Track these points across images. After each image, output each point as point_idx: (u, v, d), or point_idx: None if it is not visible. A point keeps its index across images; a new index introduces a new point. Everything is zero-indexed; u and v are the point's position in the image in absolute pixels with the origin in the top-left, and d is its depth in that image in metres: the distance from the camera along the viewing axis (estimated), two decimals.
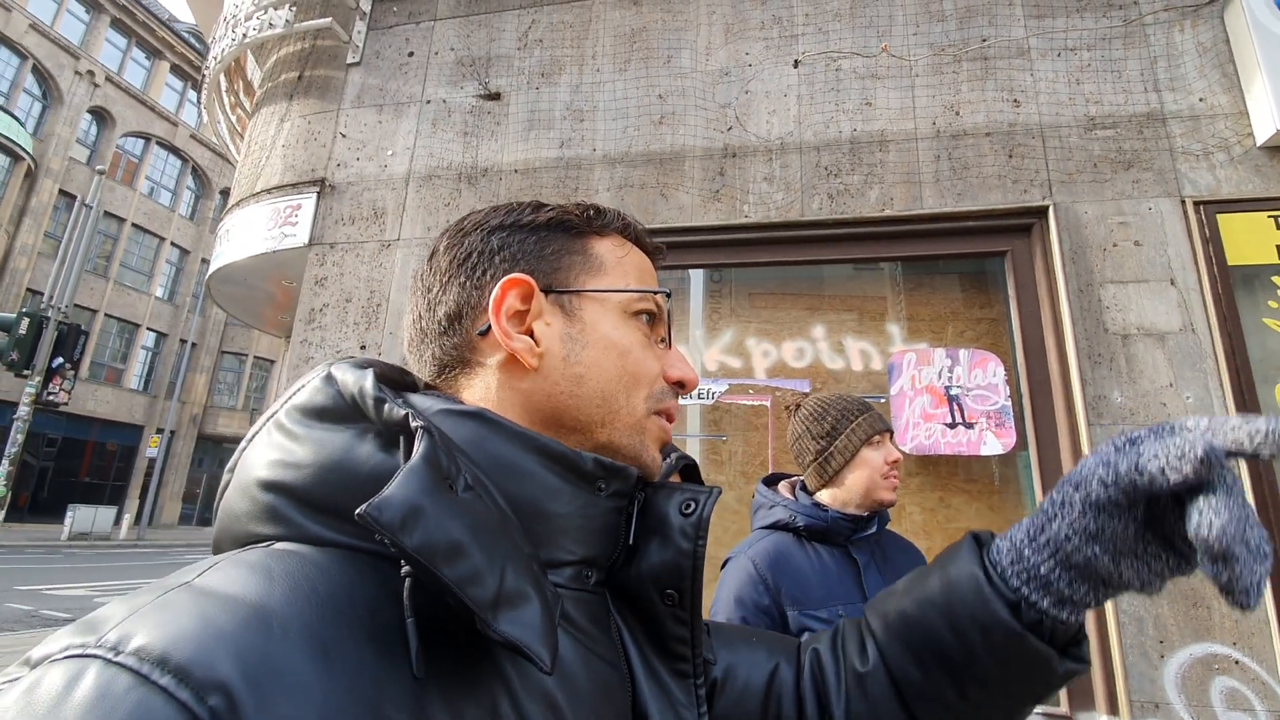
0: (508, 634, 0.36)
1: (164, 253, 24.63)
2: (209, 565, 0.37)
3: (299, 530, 0.40)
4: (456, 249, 0.55)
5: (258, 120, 3.88)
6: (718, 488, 0.55)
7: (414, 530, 0.35)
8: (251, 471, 0.43)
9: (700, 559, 0.51)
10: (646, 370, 0.53)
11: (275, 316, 4.86)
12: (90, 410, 21.63)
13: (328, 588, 0.36)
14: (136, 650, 0.29)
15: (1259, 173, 2.39)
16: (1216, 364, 2.25)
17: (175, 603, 0.32)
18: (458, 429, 0.46)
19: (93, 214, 9.16)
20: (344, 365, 0.47)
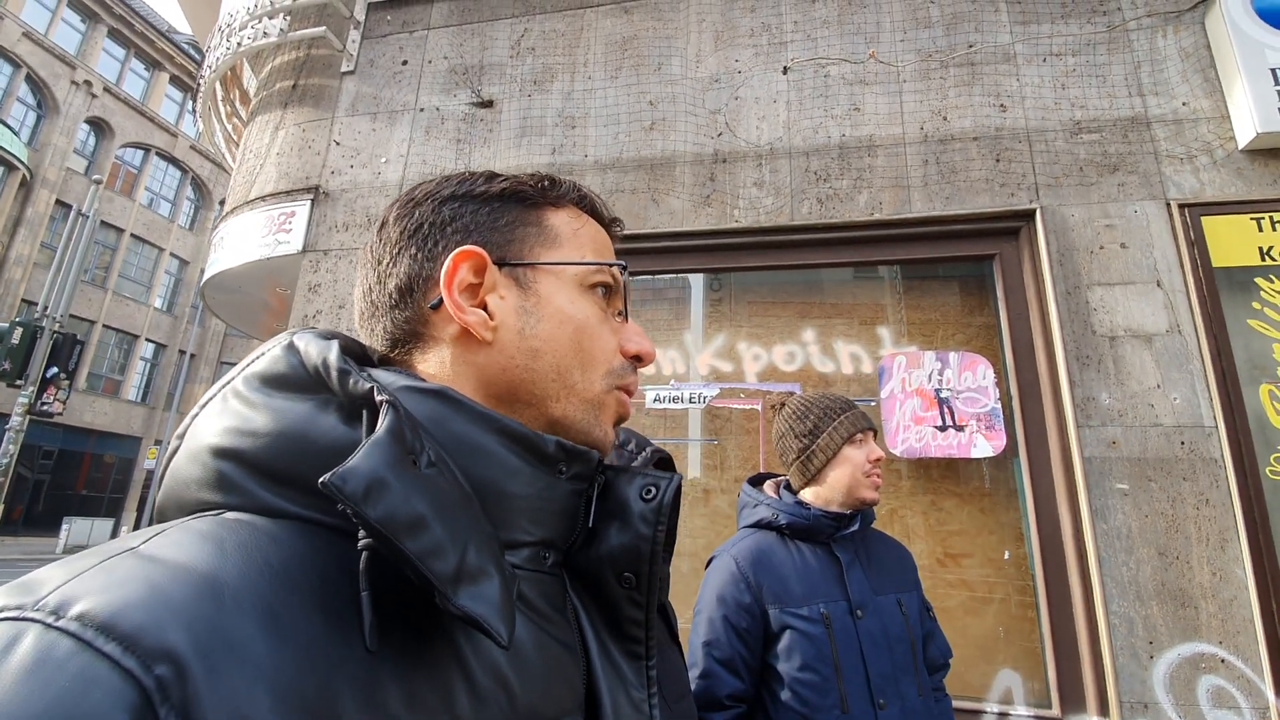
0: (468, 608, 0.36)
1: (163, 263, 24.66)
2: (156, 532, 0.36)
3: (252, 499, 0.40)
4: (407, 219, 0.54)
5: (252, 128, 3.90)
6: (679, 475, 0.55)
7: (377, 502, 0.35)
8: (204, 438, 0.42)
9: (659, 544, 0.51)
10: (603, 344, 0.53)
11: (270, 324, 4.87)
12: (88, 422, 21.58)
13: (281, 559, 0.36)
14: (80, 615, 0.28)
15: (1241, 175, 2.41)
16: (1203, 365, 2.26)
17: (120, 568, 0.32)
18: (420, 406, 0.45)
19: (89, 224, 9.18)
20: (307, 335, 0.46)
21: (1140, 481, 2.21)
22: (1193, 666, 2.01)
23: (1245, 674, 1.97)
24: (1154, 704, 2.00)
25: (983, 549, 2.51)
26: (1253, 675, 1.96)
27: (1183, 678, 2.01)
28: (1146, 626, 2.08)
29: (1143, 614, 2.09)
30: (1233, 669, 1.98)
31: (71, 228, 9.63)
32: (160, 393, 24.32)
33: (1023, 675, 2.32)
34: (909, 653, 1.37)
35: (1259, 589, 1.99)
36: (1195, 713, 1.97)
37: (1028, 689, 2.30)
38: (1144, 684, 2.02)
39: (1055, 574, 2.28)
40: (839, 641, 1.31)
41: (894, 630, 1.37)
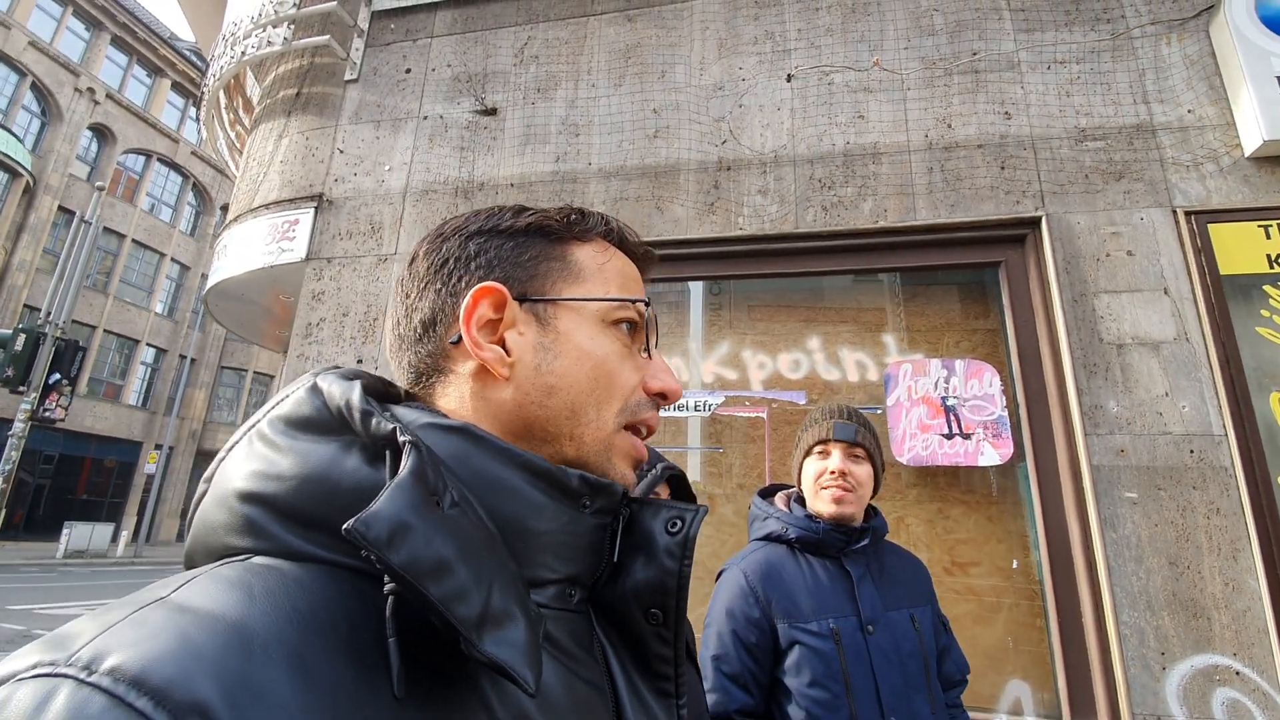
0: (492, 654, 0.35)
1: (164, 269, 24.70)
2: (185, 580, 0.36)
3: (278, 544, 0.39)
4: (434, 254, 0.54)
5: (256, 136, 3.91)
6: (704, 506, 0.54)
7: (400, 547, 0.34)
8: (230, 482, 0.42)
9: (685, 578, 0.50)
10: (622, 382, 0.52)
11: (273, 331, 4.86)
12: (88, 427, 21.57)
13: (308, 605, 0.35)
14: (111, 670, 0.28)
15: (1247, 183, 2.41)
16: (1211, 373, 2.25)
17: (150, 620, 0.32)
18: (442, 444, 0.45)
19: (92, 230, 9.19)
20: (330, 376, 0.46)
21: (1149, 490, 2.20)
22: (1206, 678, 1.99)
23: (1261, 687, 1.95)
24: (1167, 716, 1.98)
25: (990, 557, 2.49)
26: (1269, 688, 1.94)
27: (1197, 690, 1.99)
28: (1158, 637, 2.06)
29: (1154, 624, 2.07)
30: (1248, 681, 1.96)
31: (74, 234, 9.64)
32: (161, 397, 24.32)
33: (1032, 685, 2.31)
34: (921, 669, 1.35)
35: (1273, 600, 1.98)
36: None
37: (1037, 699, 2.28)
38: (1156, 695, 2.00)
39: (1064, 583, 2.26)
40: (849, 657, 1.29)
41: (906, 646, 1.35)
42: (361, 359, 3.01)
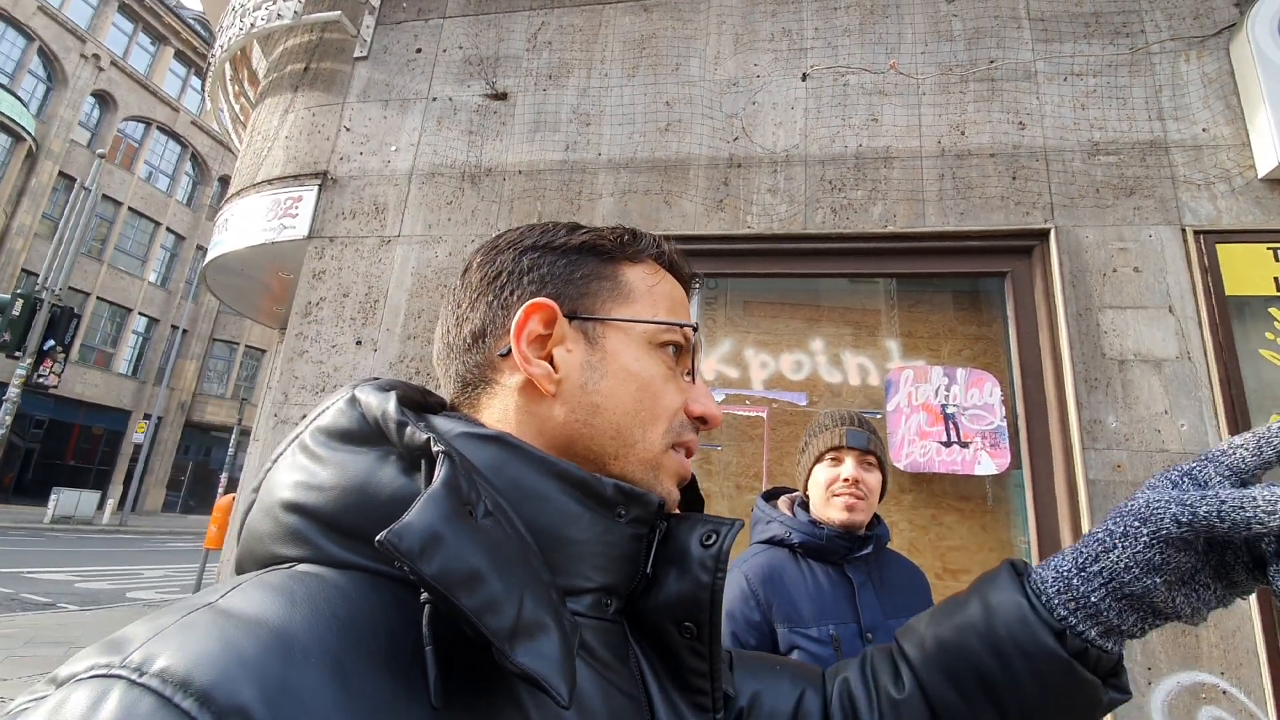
0: (525, 665, 0.35)
1: (159, 238, 24.49)
2: (232, 586, 0.37)
3: (321, 552, 0.40)
4: (488, 266, 0.55)
5: (261, 110, 3.86)
6: (740, 520, 0.54)
7: (433, 558, 0.35)
8: (276, 493, 0.44)
9: (719, 592, 0.50)
10: (666, 405, 0.53)
11: (270, 308, 4.83)
12: (78, 393, 21.45)
13: (348, 612, 0.36)
14: (160, 672, 0.30)
15: (1259, 204, 2.41)
16: (1211, 393, 2.26)
17: (198, 624, 0.33)
18: (478, 453, 0.46)
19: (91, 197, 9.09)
20: (367, 387, 0.47)
21: None
22: (1192, 696, 2.01)
23: (1248, 707, 1.97)
24: None
25: (982, 565, 2.50)
26: (1255, 709, 1.96)
27: (1182, 706, 2.01)
28: (1145, 652, 2.08)
29: (1141, 640, 2.08)
30: (1235, 701, 1.98)
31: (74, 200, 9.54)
32: (151, 367, 24.18)
33: None
34: None
35: (1264, 621, 1.99)
36: None
37: None
38: (1141, 710, 2.02)
39: None
40: None
41: None
42: (361, 340, 2.99)
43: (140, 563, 12.35)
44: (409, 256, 3.08)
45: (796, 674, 0.64)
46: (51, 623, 6.68)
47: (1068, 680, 0.49)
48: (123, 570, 11.17)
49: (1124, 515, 0.48)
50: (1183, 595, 0.47)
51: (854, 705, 0.60)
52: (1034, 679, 0.50)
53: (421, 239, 3.10)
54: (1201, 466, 0.47)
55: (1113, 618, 0.49)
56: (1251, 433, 0.46)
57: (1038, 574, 0.53)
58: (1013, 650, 0.51)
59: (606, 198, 2.97)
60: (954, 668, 0.54)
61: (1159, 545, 0.46)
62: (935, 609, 0.60)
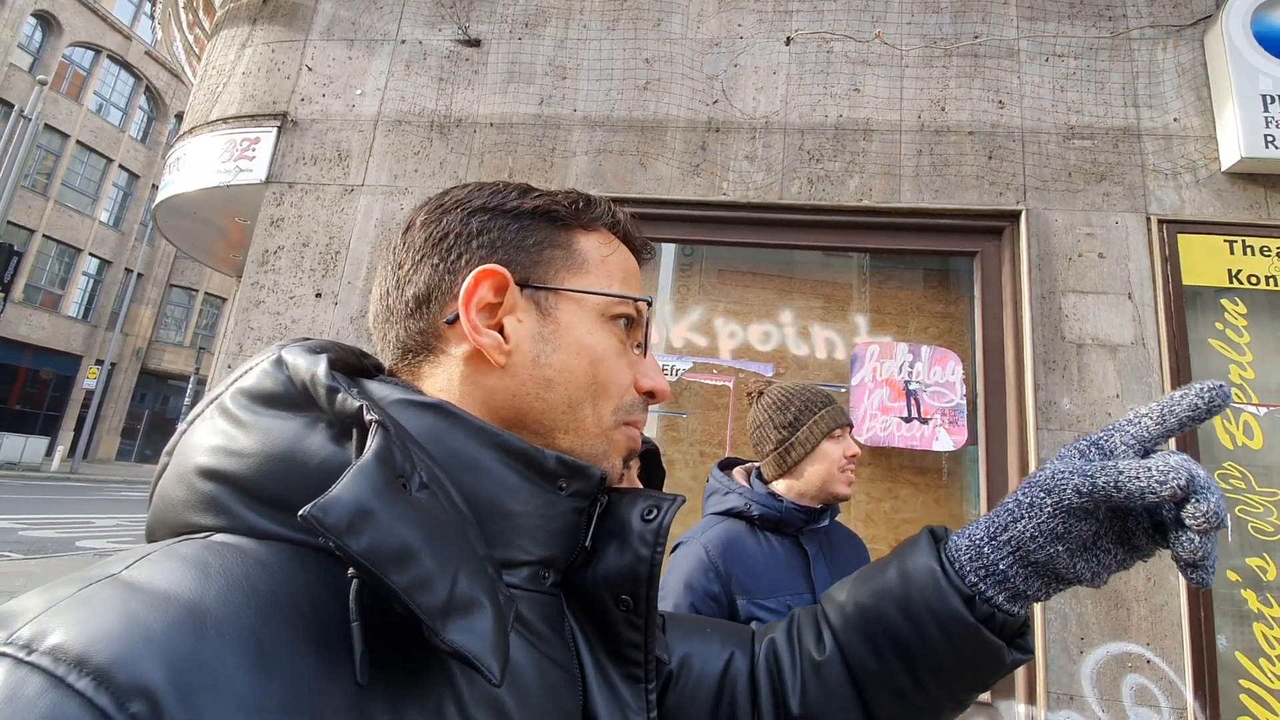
0: (456, 643, 0.34)
1: (111, 175, 23.27)
2: (139, 556, 0.34)
3: (240, 522, 0.38)
4: (433, 226, 0.52)
5: (217, 43, 3.63)
6: (682, 496, 0.53)
7: (361, 533, 0.33)
8: (191, 457, 0.41)
9: (657, 566, 0.50)
10: (617, 380, 0.51)
11: (226, 254, 4.63)
12: (24, 335, 20.54)
13: (268, 586, 0.34)
14: (52, 649, 0.27)
15: (1220, 197, 2.45)
16: (1161, 379, 2.33)
17: (99, 597, 0.30)
18: (415, 421, 0.44)
19: (32, 126, 8.53)
20: (296, 348, 0.44)
21: None
22: (1119, 664, 2.12)
23: (1168, 675, 2.09)
24: (1079, 696, 2.11)
25: None
26: (1174, 677, 2.09)
27: (1109, 674, 2.12)
28: (1080, 623, 2.18)
29: (1077, 611, 2.19)
30: (1157, 669, 2.10)
31: (11, 128, 8.94)
32: (104, 311, 23.24)
33: None
34: None
35: (1189, 596, 2.10)
36: (1118, 708, 2.09)
37: None
38: (1071, 677, 2.13)
39: None
40: None
41: None
42: (321, 293, 2.89)
43: (92, 511, 12.04)
44: (373, 207, 2.96)
45: (726, 636, 0.66)
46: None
47: (974, 643, 0.52)
48: (72, 518, 10.88)
49: (1031, 486, 0.50)
50: (1084, 561, 0.49)
51: (779, 665, 0.62)
52: (944, 641, 0.52)
53: (386, 189, 2.98)
54: (1108, 436, 0.49)
55: (1019, 584, 0.51)
56: (1156, 402, 0.47)
57: (953, 541, 0.55)
58: (925, 614, 0.53)
59: (581, 156, 2.89)
60: (870, 630, 0.57)
61: (1061, 515, 0.48)
62: (858, 573, 0.63)
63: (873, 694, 0.57)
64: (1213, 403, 0.45)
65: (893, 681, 0.56)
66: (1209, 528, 0.42)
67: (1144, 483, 0.43)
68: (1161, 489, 0.42)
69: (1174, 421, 0.46)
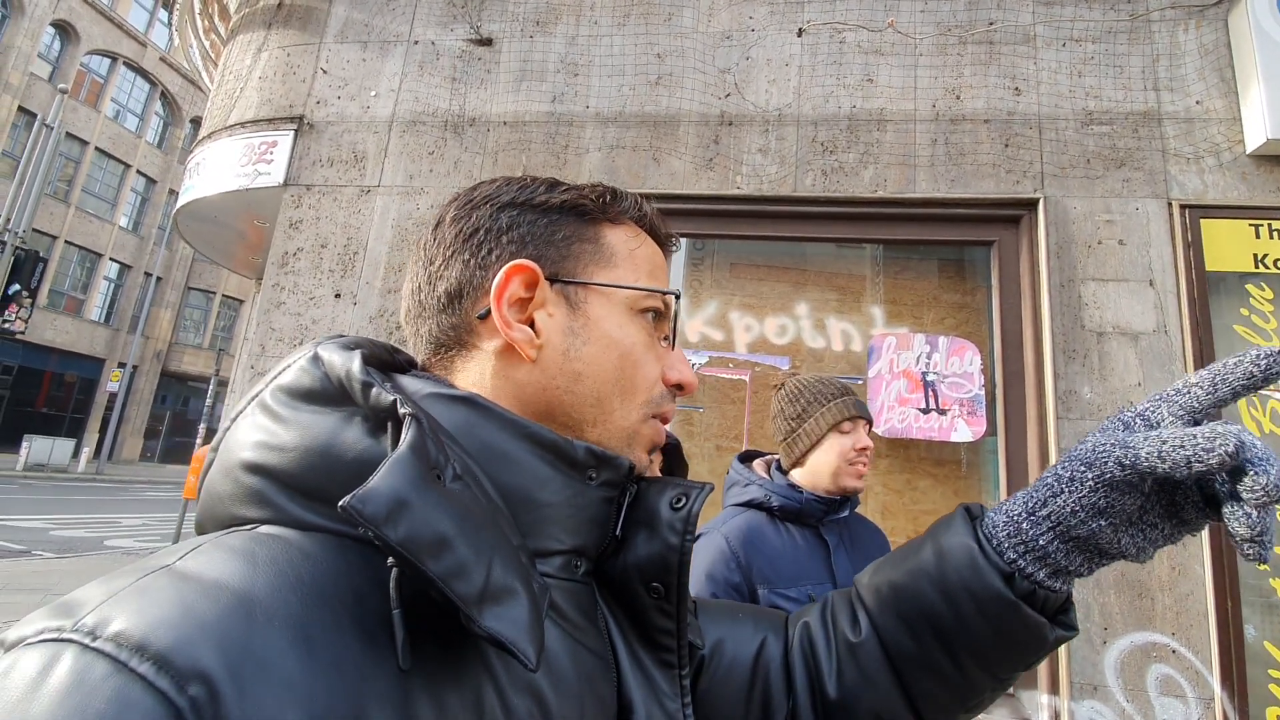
0: (493, 630, 0.35)
1: (129, 180, 23.60)
2: (191, 548, 0.36)
3: (284, 514, 0.40)
4: (463, 222, 0.52)
5: (233, 48, 3.68)
6: (710, 484, 0.53)
7: (399, 523, 0.34)
8: (235, 453, 0.42)
9: (687, 553, 0.50)
10: (646, 374, 0.52)
11: (246, 257, 4.70)
12: (49, 340, 20.94)
13: (313, 575, 0.35)
14: (114, 636, 0.29)
15: (1245, 180, 2.41)
16: (1185, 367, 2.30)
17: (155, 586, 0.32)
18: (447, 414, 0.45)
19: (54, 135, 8.68)
20: (331, 345, 0.45)
21: None
22: (1144, 654, 2.11)
23: (1194, 665, 2.07)
24: (1103, 686, 2.10)
25: None
26: (1201, 666, 2.07)
27: (1134, 664, 2.10)
28: (1103, 613, 2.16)
29: (1100, 601, 2.17)
30: (1182, 659, 2.09)
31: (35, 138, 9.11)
32: (125, 314, 23.63)
33: None
34: None
35: (1215, 585, 2.08)
36: (1143, 698, 2.08)
37: None
38: (1095, 667, 2.12)
39: None
40: None
41: None
42: (340, 293, 2.93)
43: (118, 511, 12.29)
44: (389, 208, 3.00)
45: (759, 621, 0.66)
46: (26, 570, 6.66)
47: (1014, 621, 0.50)
48: (100, 518, 11.11)
49: (1072, 460, 0.48)
50: (1129, 536, 0.47)
51: (814, 649, 0.62)
52: (982, 620, 0.51)
53: (402, 190, 3.01)
54: (1155, 407, 0.47)
55: (1060, 559, 0.49)
56: (1208, 369, 0.45)
57: (990, 518, 0.53)
58: (962, 593, 0.52)
59: (594, 152, 2.90)
60: (906, 611, 0.56)
61: (1103, 489, 0.46)
62: (893, 553, 0.62)
63: (911, 676, 0.56)
64: (1270, 370, 0.42)
65: (931, 662, 0.55)
66: (1268, 501, 0.40)
67: (1189, 451, 0.41)
68: (1209, 457, 0.40)
69: (1226, 390, 0.44)
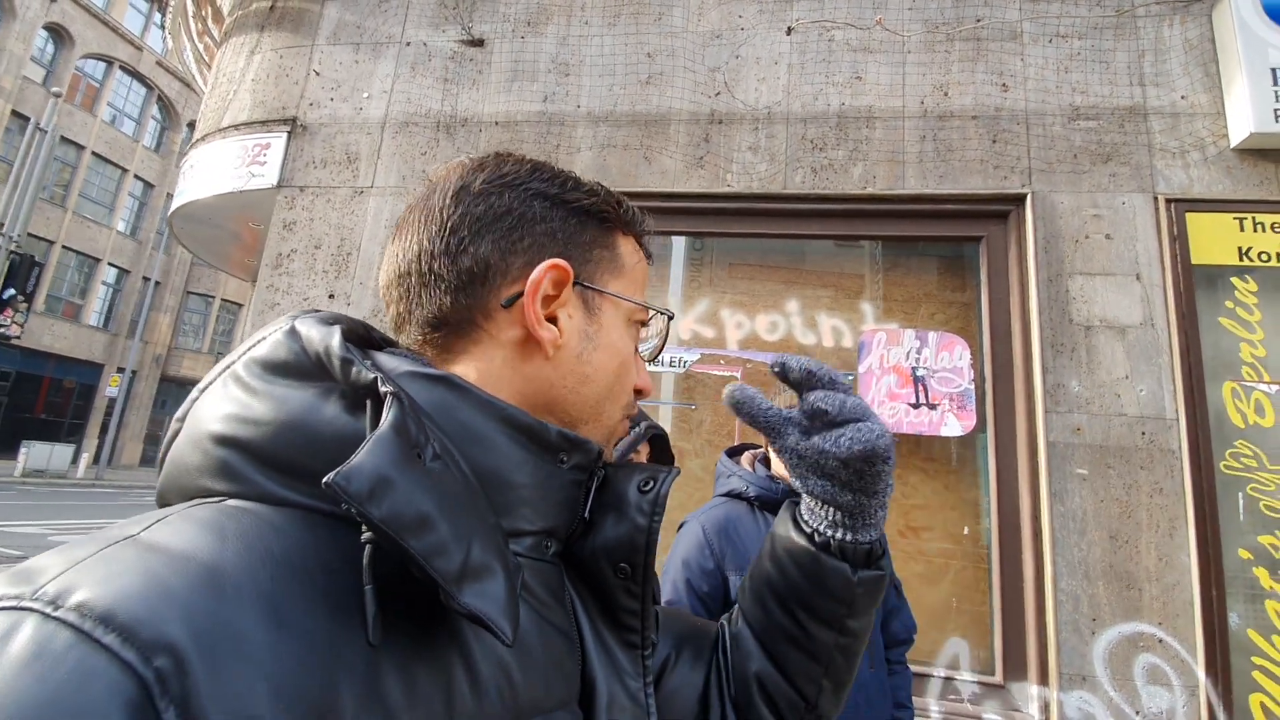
0: (472, 606, 0.36)
1: (126, 185, 23.59)
2: (156, 519, 0.35)
3: (254, 488, 0.39)
4: (495, 199, 0.51)
5: (226, 50, 3.70)
6: (676, 468, 0.56)
7: (382, 501, 0.34)
8: (205, 424, 0.42)
9: (654, 535, 0.52)
10: (630, 381, 0.55)
11: (242, 259, 4.72)
12: (47, 345, 20.92)
13: (283, 549, 0.35)
14: (78, 605, 0.28)
15: (1230, 174, 2.43)
16: (1171, 359, 2.32)
17: (120, 557, 0.31)
18: (424, 393, 0.45)
19: (48, 138, 8.69)
20: (309, 320, 0.45)
21: (1100, 468, 2.29)
22: (1131, 644, 2.13)
23: (1180, 654, 2.09)
24: (1091, 676, 2.12)
25: (943, 523, 2.59)
26: (1187, 655, 2.09)
27: (1121, 654, 2.12)
28: (1091, 604, 2.18)
29: (1089, 592, 2.19)
30: (1169, 649, 2.11)
31: (28, 141, 9.12)
32: (123, 319, 23.61)
33: (970, 643, 2.44)
34: None
35: (1201, 575, 2.10)
36: (1130, 687, 2.10)
37: (974, 656, 2.42)
38: (1083, 657, 2.14)
39: (1010, 551, 2.37)
40: None
41: None
42: (334, 294, 2.94)
43: (118, 516, 12.26)
44: (382, 208, 3.01)
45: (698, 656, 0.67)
46: None
47: (820, 569, 0.58)
48: (100, 524, 11.12)
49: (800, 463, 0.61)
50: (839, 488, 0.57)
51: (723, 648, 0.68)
52: (800, 575, 0.59)
53: (395, 190, 3.02)
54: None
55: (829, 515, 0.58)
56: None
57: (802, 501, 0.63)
58: (784, 556, 0.61)
59: (585, 151, 2.92)
60: (756, 588, 0.65)
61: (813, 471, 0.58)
62: None
63: (770, 644, 0.63)
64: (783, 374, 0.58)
65: (778, 625, 0.62)
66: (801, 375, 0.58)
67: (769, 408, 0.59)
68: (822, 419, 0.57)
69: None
